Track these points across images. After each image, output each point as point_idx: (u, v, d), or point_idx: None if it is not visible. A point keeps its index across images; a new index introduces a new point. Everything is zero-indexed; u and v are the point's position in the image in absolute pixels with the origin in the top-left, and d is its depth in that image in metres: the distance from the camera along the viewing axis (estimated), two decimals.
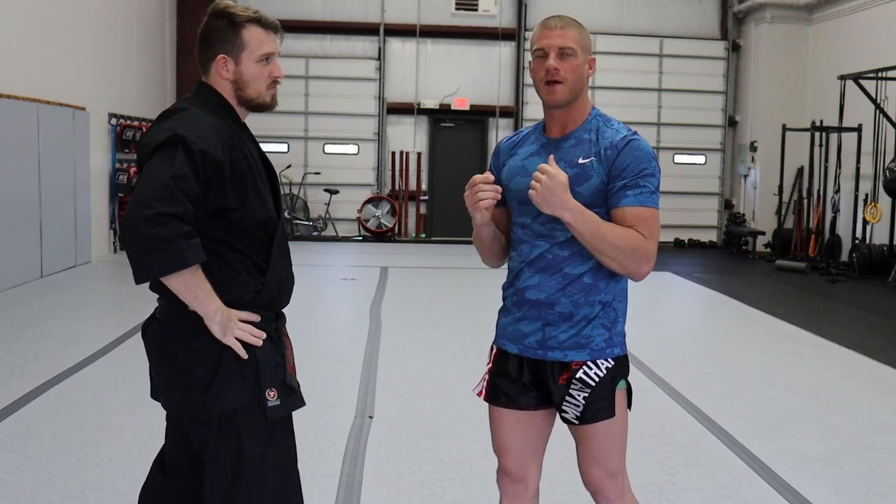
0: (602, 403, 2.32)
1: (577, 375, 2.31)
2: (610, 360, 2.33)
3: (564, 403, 2.34)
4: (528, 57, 2.51)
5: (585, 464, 2.42)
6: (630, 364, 2.43)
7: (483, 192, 2.29)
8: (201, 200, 2.06)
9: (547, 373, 2.35)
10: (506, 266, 2.51)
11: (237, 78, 2.24)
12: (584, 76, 2.31)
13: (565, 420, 2.38)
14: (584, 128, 2.34)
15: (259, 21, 2.24)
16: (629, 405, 2.42)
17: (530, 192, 2.20)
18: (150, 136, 2.14)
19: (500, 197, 2.33)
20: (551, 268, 2.31)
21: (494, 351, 2.48)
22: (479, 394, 2.50)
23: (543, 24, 2.33)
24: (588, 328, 2.31)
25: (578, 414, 2.33)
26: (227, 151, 2.12)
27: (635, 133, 2.33)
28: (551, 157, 2.24)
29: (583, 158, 2.29)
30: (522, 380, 2.39)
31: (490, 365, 2.48)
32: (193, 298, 2.06)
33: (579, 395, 2.31)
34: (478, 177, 2.30)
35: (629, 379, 2.41)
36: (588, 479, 2.42)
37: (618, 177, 2.25)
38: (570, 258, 2.29)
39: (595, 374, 2.31)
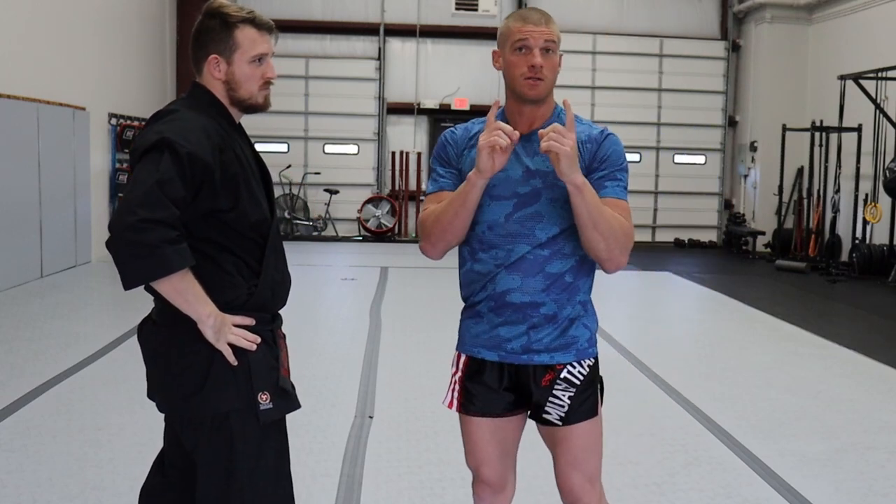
0: (586, 402, 2.30)
1: (562, 375, 2.28)
2: (592, 359, 2.33)
3: (548, 405, 2.29)
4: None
5: (566, 470, 2.34)
6: (603, 364, 2.43)
7: (502, 134, 2.11)
8: (189, 204, 2.03)
9: (529, 376, 2.30)
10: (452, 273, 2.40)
11: (229, 78, 2.21)
12: (557, 72, 2.27)
13: (546, 422, 2.32)
14: (552, 123, 2.25)
15: (253, 21, 2.21)
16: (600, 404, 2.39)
17: (554, 144, 2.05)
18: (139, 139, 2.12)
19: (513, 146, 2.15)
20: (532, 268, 2.24)
21: (463, 359, 2.37)
22: (450, 405, 2.40)
23: (524, 18, 2.21)
24: (572, 328, 2.29)
25: (563, 414, 2.29)
26: (217, 153, 2.10)
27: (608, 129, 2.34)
28: (555, 124, 2.13)
29: None
30: (502, 387, 2.32)
31: (459, 374, 2.38)
32: (184, 303, 2.04)
33: (564, 395, 2.28)
34: (499, 123, 2.14)
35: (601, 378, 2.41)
36: (568, 487, 2.34)
37: (598, 168, 2.24)
38: (550, 257, 2.24)
39: (579, 373, 2.30)
